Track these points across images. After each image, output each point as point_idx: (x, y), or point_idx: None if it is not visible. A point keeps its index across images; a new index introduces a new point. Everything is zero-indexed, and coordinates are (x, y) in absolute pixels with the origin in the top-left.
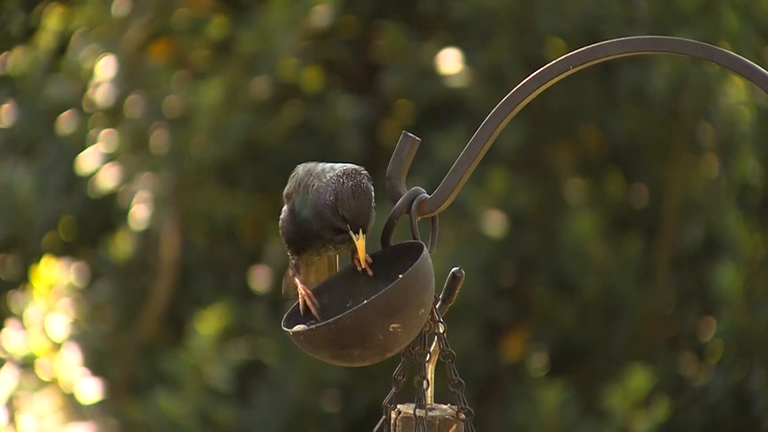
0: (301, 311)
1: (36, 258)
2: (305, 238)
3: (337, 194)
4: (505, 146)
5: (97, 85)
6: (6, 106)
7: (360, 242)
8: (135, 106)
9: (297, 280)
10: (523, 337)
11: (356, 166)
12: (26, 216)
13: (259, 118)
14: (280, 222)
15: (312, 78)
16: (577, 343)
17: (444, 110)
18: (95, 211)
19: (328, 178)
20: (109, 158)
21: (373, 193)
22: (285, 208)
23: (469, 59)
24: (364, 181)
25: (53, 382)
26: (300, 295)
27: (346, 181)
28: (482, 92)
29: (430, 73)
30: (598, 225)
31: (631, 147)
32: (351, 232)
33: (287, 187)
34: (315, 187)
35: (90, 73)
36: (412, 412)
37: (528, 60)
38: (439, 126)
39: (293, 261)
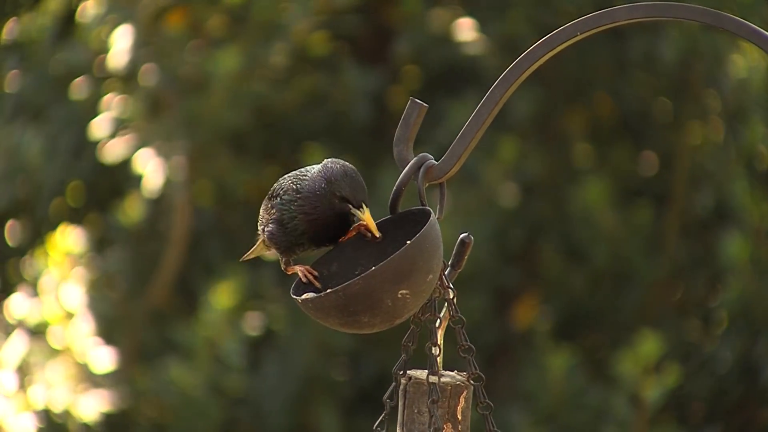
0: (303, 281)
1: (44, 224)
2: (298, 243)
3: (329, 178)
4: (516, 114)
5: (112, 51)
6: (14, 72)
7: (366, 215)
8: (150, 73)
9: (294, 267)
10: (532, 304)
11: (333, 159)
12: (35, 180)
13: (273, 87)
14: (268, 234)
15: (320, 43)
16: (587, 309)
17: (456, 78)
18: (104, 176)
19: (310, 174)
20: (122, 124)
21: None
22: (270, 226)
23: (483, 28)
24: (347, 163)
25: (65, 351)
26: (300, 272)
27: (332, 166)
28: (496, 61)
29: (443, 40)
30: (608, 192)
31: (642, 114)
32: (354, 210)
33: (263, 211)
34: (301, 187)
35: (104, 40)
36: (423, 377)
37: (544, 30)
38: (450, 93)
39: (283, 258)
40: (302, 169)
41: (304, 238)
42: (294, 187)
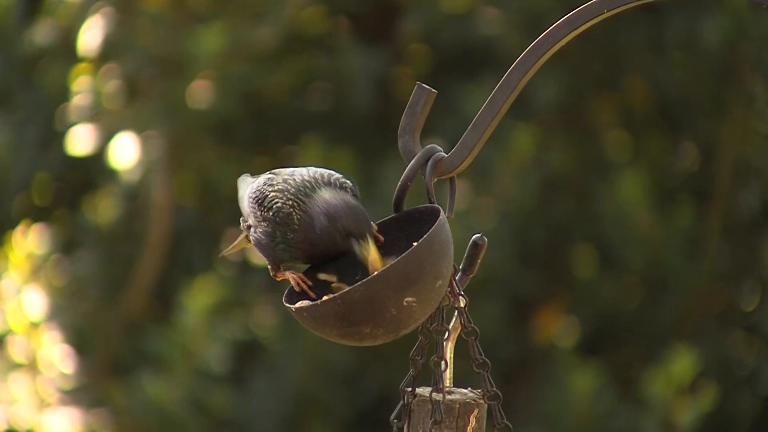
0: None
1: (6, 222)
2: (287, 260)
3: (330, 215)
4: (538, 100)
5: (83, 30)
6: None
7: (372, 250)
8: (125, 54)
9: (285, 273)
10: (555, 315)
11: (320, 170)
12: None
13: (263, 69)
14: (255, 241)
15: (317, 20)
16: (616, 321)
17: (470, 59)
18: (74, 169)
19: (309, 208)
20: (94, 112)
21: (354, 187)
22: (260, 234)
23: (502, 3)
24: (340, 182)
25: (29, 364)
26: (292, 279)
27: (335, 202)
28: (516, 40)
29: (456, 17)
30: (643, 189)
31: (681, 102)
32: (357, 244)
33: (251, 208)
34: (299, 221)
35: (74, 18)
36: (428, 395)
37: (570, 6)
38: (464, 77)
39: (273, 265)
40: (285, 176)
41: (297, 261)
42: (295, 217)
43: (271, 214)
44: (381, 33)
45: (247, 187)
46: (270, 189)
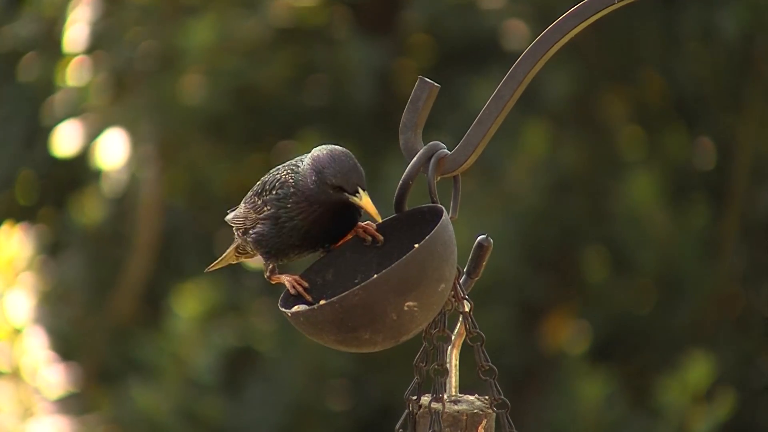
0: (291, 292)
1: None
2: (295, 245)
3: (317, 168)
4: (548, 95)
5: (69, 23)
6: None
7: (365, 199)
8: (112, 47)
9: (280, 276)
10: (565, 320)
11: (323, 146)
12: None
13: (256, 63)
14: (256, 237)
15: (314, 9)
16: (629, 326)
17: (476, 51)
18: (60, 168)
19: (302, 167)
20: (80, 108)
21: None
22: (260, 226)
23: None
24: (337, 147)
25: (13, 372)
26: (287, 282)
27: (318, 154)
28: (524, 31)
29: (461, 6)
30: (657, 188)
31: (697, 96)
32: (351, 196)
33: (247, 210)
34: (295, 182)
35: (60, 10)
36: (433, 405)
37: None
38: (469, 70)
39: (269, 265)
40: (298, 159)
41: (306, 239)
42: (290, 180)
43: (273, 193)
44: (382, 23)
45: (237, 208)
46: (269, 177)
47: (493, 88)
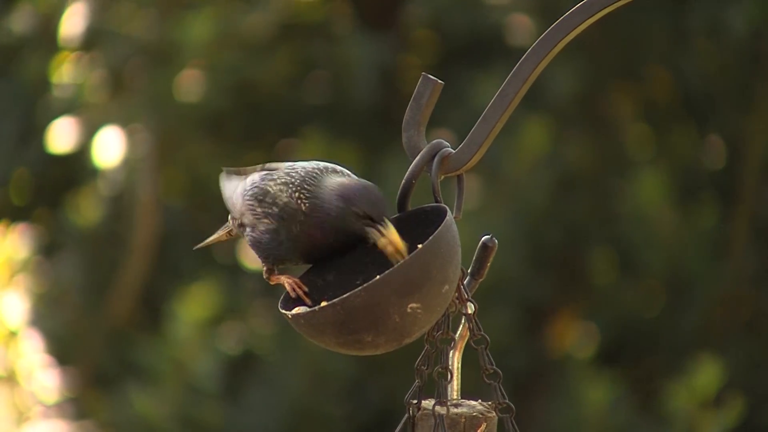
0: (291, 295)
1: None
2: (290, 259)
3: (345, 196)
4: (553, 92)
5: (65, 18)
6: None
7: (390, 229)
8: (109, 43)
9: (280, 276)
10: (570, 322)
11: (323, 162)
12: None
13: (255, 58)
14: (253, 241)
15: (314, 4)
16: (636, 329)
17: (481, 48)
18: (56, 166)
19: (320, 191)
20: (77, 105)
21: None
22: (258, 233)
23: None
24: (346, 174)
25: (8, 376)
26: (287, 285)
27: (347, 183)
28: (530, 27)
29: (465, 2)
30: (665, 187)
31: (706, 94)
32: (376, 227)
33: (245, 205)
34: (309, 206)
35: (55, 5)
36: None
37: None
38: (473, 67)
39: (267, 267)
40: (287, 169)
41: (301, 257)
42: (302, 207)
43: (276, 210)
44: (384, 19)
45: (236, 183)
46: (272, 184)
47: (498, 85)
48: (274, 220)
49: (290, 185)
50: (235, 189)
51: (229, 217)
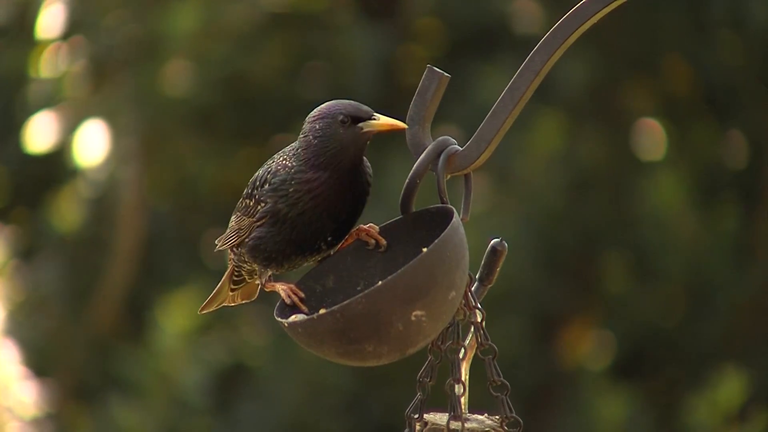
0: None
1: None
2: (298, 243)
3: (323, 115)
4: (566, 86)
5: (43, 7)
6: None
7: (382, 119)
8: (91, 34)
9: (274, 284)
10: (584, 332)
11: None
12: None
13: (246, 50)
14: (253, 244)
15: None
16: (655, 339)
17: (489, 38)
18: (34, 166)
19: (300, 139)
20: (57, 99)
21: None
22: (257, 230)
23: None
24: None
25: None
26: (282, 291)
27: (318, 109)
28: (541, 17)
29: None
30: (685, 187)
31: (727, 88)
32: (367, 121)
33: (240, 219)
34: (295, 155)
35: None
36: (442, 423)
37: None
38: (481, 59)
39: (264, 272)
40: (281, 151)
41: (312, 226)
42: (287, 163)
43: (267, 186)
44: (386, 7)
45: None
46: (256, 176)
47: (506, 77)
48: (269, 199)
49: (270, 161)
50: (228, 229)
51: (229, 258)
